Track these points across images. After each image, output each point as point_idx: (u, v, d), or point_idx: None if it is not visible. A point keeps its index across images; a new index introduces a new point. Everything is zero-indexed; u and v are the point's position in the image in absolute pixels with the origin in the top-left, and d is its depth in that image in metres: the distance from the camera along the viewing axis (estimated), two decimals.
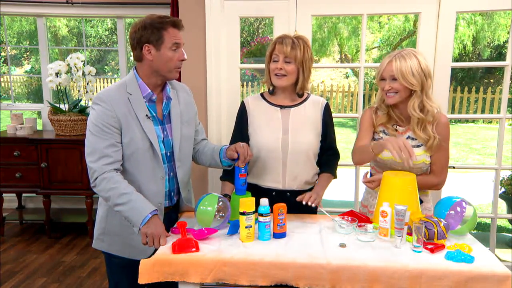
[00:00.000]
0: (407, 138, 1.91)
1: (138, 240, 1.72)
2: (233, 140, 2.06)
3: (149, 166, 1.77)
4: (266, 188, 2.03)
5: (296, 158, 1.98)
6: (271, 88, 2.03)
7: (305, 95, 2.06)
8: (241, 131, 2.06)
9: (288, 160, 1.98)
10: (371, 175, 2.07)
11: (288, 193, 2.02)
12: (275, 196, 1.99)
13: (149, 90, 1.76)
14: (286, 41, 1.90)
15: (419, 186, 1.85)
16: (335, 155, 2.10)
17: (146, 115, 1.75)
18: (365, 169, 2.95)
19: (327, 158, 2.08)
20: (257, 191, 1.98)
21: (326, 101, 2.07)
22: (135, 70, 1.79)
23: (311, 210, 1.96)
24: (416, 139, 1.92)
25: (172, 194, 1.89)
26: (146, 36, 1.69)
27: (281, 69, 1.92)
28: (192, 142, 1.96)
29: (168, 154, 1.84)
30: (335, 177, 2.09)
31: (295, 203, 1.95)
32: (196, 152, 2.02)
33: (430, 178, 1.95)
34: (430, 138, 1.87)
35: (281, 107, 2.02)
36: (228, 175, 2.04)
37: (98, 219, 1.86)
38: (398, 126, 1.95)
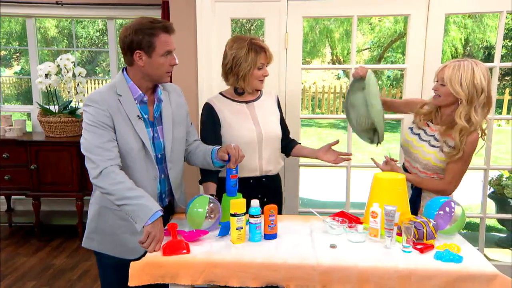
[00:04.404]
0: (431, 136, 1.97)
1: (130, 239, 1.71)
2: (207, 141, 2.04)
3: (143, 166, 1.76)
4: (243, 177, 2.04)
5: (269, 145, 2.12)
6: (240, 90, 2.08)
7: None
8: (214, 130, 2.08)
9: (263, 148, 2.09)
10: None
11: (264, 179, 2.13)
12: (253, 183, 2.09)
13: (140, 92, 1.75)
14: (266, 49, 2.04)
15: (427, 188, 1.99)
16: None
17: (138, 116, 1.74)
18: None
19: (291, 140, 2.31)
20: None
21: (274, 92, 2.29)
22: (125, 72, 1.77)
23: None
24: (438, 141, 1.94)
25: (164, 196, 1.89)
26: (137, 41, 1.66)
27: (267, 75, 2.08)
28: (184, 143, 1.96)
29: (159, 156, 1.83)
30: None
31: (272, 187, 2.18)
32: (188, 153, 2.01)
33: (438, 183, 1.98)
34: (456, 148, 1.86)
35: (246, 102, 2.12)
36: (206, 176, 2.04)
37: (90, 218, 1.83)
38: (431, 123, 2.00)
